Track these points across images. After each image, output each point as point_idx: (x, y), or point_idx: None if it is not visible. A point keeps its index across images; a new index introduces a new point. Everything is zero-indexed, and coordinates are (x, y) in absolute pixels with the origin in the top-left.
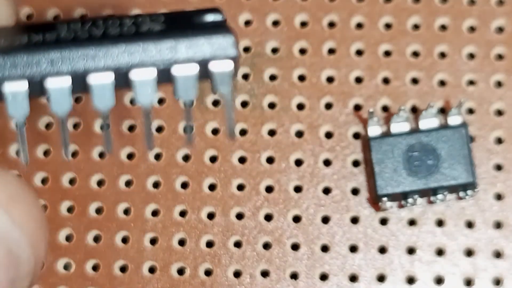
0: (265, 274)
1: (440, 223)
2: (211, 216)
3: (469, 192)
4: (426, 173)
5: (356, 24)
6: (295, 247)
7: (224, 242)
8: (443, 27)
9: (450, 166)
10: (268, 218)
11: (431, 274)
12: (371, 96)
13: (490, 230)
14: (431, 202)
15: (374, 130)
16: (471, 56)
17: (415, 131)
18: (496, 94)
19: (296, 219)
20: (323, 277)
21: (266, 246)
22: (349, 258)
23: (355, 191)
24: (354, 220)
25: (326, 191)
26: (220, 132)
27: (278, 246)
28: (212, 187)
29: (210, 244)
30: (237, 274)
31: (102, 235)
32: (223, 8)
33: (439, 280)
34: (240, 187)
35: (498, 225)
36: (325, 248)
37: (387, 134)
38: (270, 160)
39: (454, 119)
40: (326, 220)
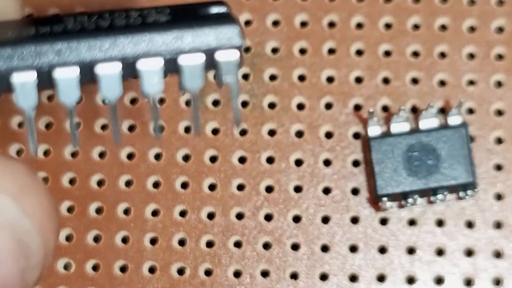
0: (265, 274)
1: (440, 223)
2: (211, 216)
3: (469, 192)
4: (426, 173)
5: (356, 24)
6: (295, 247)
7: (224, 242)
8: (443, 27)
9: (450, 166)
10: (268, 218)
11: (431, 274)
12: (371, 96)
13: (490, 230)
14: (431, 202)
15: (374, 130)
16: (471, 56)
17: (415, 131)
18: (496, 94)
19: (296, 219)
20: (323, 277)
21: (266, 246)
22: (349, 258)
23: (355, 191)
24: (354, 220)
25: (326, 191)
26: (220, 132)
27: (278, 246)
28: (212, 187)
29: (210, 244)
30: (237, 274)
31: (102, 235)
32: None
33: (439, 280)
34: (240, 187)
35: (498, 225)
36: (325, 248)
37: (387, 134)
38: (270, 160)
39: (454, 119)
40: (326, 220)
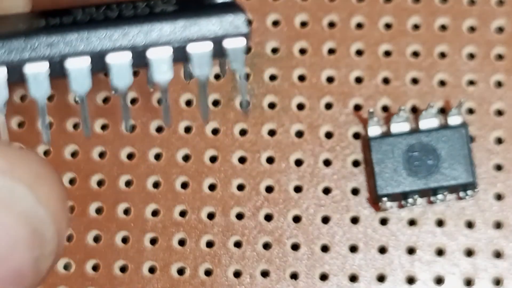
0: (265, 274)
1: (440, 223)
2: (211, 216)
3: (469, 192)
4: (426, 173)
5: (356, 24)
6: (295, 247)
7: (224, 242)
8: (443, 27)
9: (450, 166)
10: (268, 218)
11: (431, 274)
12: (371, 96)
13: (490, 230)
14: (431, 202)
15: (374, 130)
16: (471, 56)
17: (415, 131)
18: (496, 94)
19: (296, 219)
20: (323, 277)
21: (266, 246)
22: (349, 258)
23: (355, 191)
24: (354, 220)
25: (326, 191)
26: (220, 132)
27: (278, 246)
28: (212, 187)
29: (210, 244)
30: (237, 274)
31: (102, 235)
32: None
33: (439, 280)
34: (240, 187)
35: (498, 225)
36: (325, 248)
37: (387, 134)
38: (270, 160)
39: (454, 119)
40: (326, 220)
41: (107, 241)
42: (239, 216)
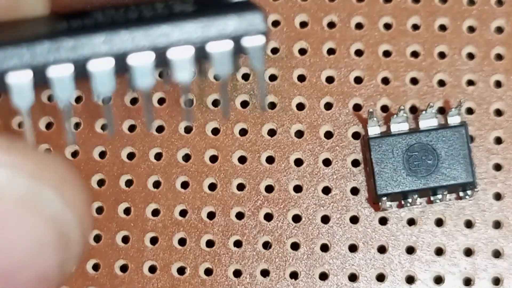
0: (265, 273)
1: (439, 223)
2: (211, 215)
3: (468, 192)
4: (425, 173)
5: (356, 25)
6: (295, 246)
7: (224, 241)
8: (443, 27)
9: (449, 166)
10: (268, 217)
11: (431, 274)
12: (371, 96)
13: (489, 229)
14: (430, 202)
15: (374, 130)
16: (471, 56)
17: (415, 131)
18: (495, 94)
19: (296, 218)
20: (323, 276)
21: (266, 245)
22: (348, 257)
23: (354, 191)
24: (354, 219)
25: (326, 191)
26: (221, 132)
27: (278, 246)
28: (212, 187)
29: (210, 243)
30: (237, 274)
31: (102, 235)
32: None
33: (439, 280)
34: (240, 187)
35: (498, 224)
36: (325, 248)
37: (386, 134)
38: (270, 160)
39: (453, 119)
40: (325, 219)
41: (108, 240)
42: (239, 215)
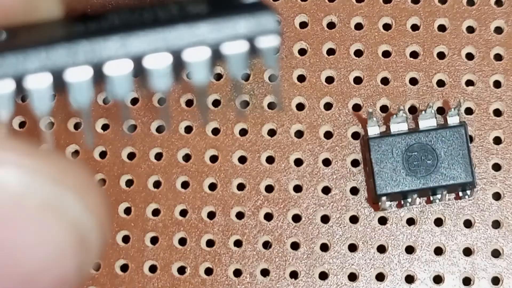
0: (265, 273)
1: (439, 222)
2: (211, 215)
3: (468, 191)
4: (425, 173)
5: (356, 25)
6: (295, 246)
7: (224, 241)
8: (442, 28)
9: (449, 166)
10: (268, 217)
11: (430, 273)
12: (371, 96)
13: (489, 229)
14: (430, 202)
15: (373, 130)
16: (470, 56)
17: (414, 131)
18: (495, 94)
19: (296, 218)
20: (323, 276)
21: (266, 245)
22: (348, 257)
23: (354, 191)
24: (354, 219)
25: (326, 190)
26: (221, 132)
27: (278, 245)
28: (212, 187)
29: (210, 243)
30: (237, 273)
31: None
32: None
33: (438, 280)
34: (240, 187)
35: (497, 224)
36: (324, 247)
37: (386, 134)
38: (270, 160)
39: (453, 119)
40: (325, 219)
41: (108, 240)
42: (239, 215)
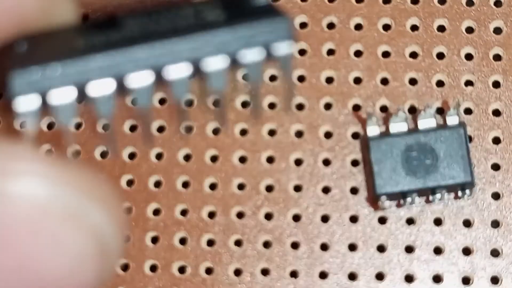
0: (265, 272)
1: (438, 222)
2: (212, 215)
3: (467, 191)
4: (424, 172)
5: (355, 25)
6: (295, 245)
7: (224, 240)
8: (442, 28)
9: (448, 165)
10: (268, 217)
11: (430, 273)
12: (370, 97)
13: (488, 229)
14: (429, 201)
15: (373, 130)
16: (469, 57)
17: (414, 131)
18: (494, 95)
19: (296, 218)
20: (323, 275)
21: (266, 244)
22: (348, 256)
23: (354, 191)
24: (353, 219)
25: (326, 190)
26: (221, 132)
27: (278, 245)
28: (212, 187)
29: (211, 242)
30: (237, 273)
31: None
32: None
33: (438, 279)
34: (241, 187)
35: (496, 224)
36: (324, 247)
37: (386, 134)
38: (270, 159)
39: (452, 119)
40: (325, 219)
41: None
42: (240, 215)
